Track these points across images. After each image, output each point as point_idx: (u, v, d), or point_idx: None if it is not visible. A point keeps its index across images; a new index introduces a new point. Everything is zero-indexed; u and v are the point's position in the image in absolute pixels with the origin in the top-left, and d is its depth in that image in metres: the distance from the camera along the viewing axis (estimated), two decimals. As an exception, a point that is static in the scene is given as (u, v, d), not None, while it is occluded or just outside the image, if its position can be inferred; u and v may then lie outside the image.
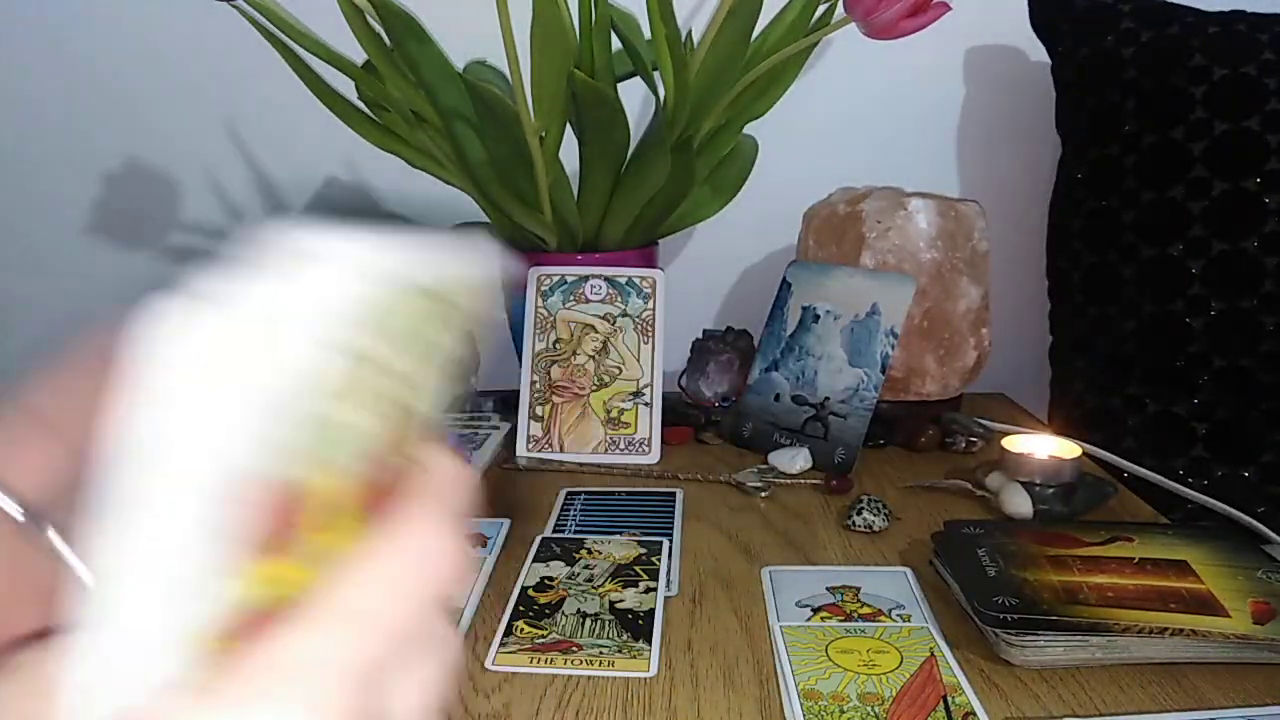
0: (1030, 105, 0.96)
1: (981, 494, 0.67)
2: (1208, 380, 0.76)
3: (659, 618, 0.51)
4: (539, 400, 0.77)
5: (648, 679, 0.46)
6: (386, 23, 0.69)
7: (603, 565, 0.57)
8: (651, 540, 0.60)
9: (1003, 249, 0.92)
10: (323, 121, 0.78)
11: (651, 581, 0.55)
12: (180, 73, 0.98)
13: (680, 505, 0.67)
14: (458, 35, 0.78)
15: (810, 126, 0.98)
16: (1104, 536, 0.55)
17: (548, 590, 0.54)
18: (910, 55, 0.89)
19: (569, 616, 0.51)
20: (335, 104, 0.76)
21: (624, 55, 0.77)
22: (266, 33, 0.72)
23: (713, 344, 0.84)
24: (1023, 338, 0.97)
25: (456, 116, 0.72)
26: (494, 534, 0.62)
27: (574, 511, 0.66)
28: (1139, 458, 0.75)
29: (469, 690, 0.45)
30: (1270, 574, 0.50)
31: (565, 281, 0.78)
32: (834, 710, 0.43)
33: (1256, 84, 0.74)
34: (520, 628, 0.51)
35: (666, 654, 0.48)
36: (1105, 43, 0.82)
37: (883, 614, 0.52)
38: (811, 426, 0.75)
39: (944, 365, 0.78)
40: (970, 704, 0.43)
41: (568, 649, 0.48)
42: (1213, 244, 0.75)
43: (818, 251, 0.81)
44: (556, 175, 0.74)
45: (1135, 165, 0.79)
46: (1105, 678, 0.46)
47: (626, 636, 0.49)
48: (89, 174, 1.02)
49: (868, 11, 0.62)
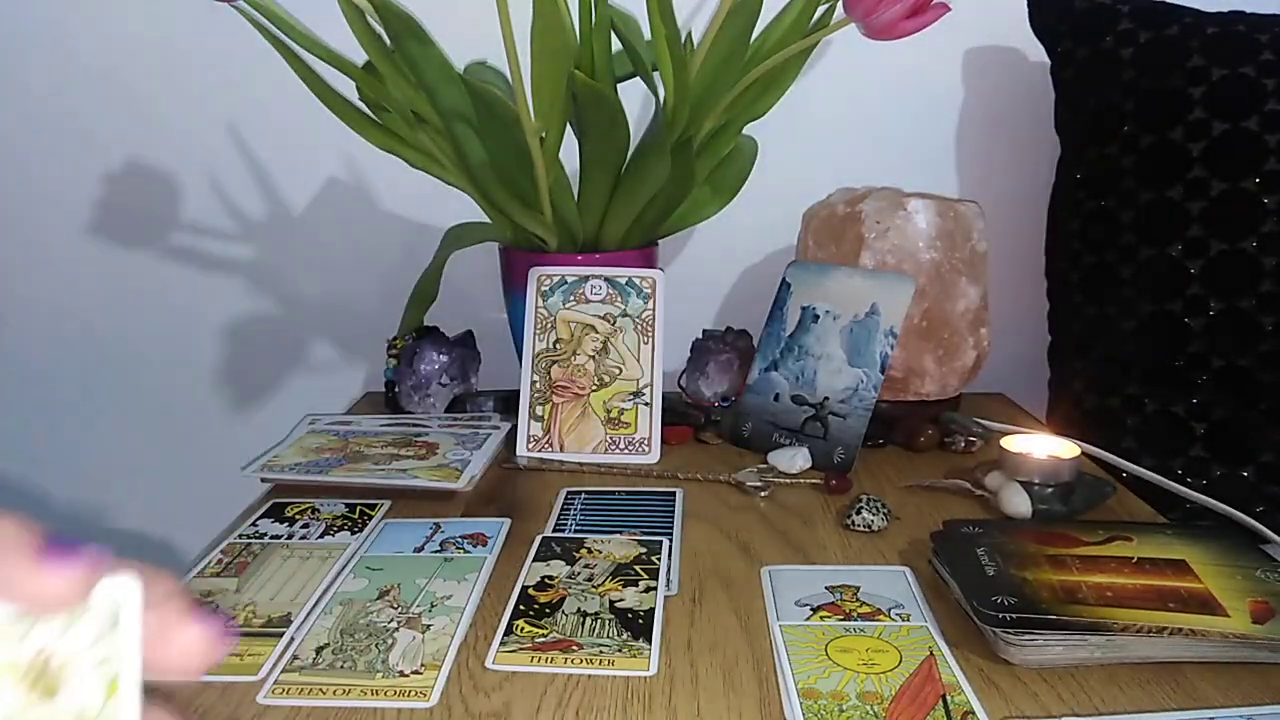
0: (1029, 105, 0.97)
1: (980, 494, 0.67)
2: (1206, 380, 0.76)
3: (659, 617, 0.51)
4: (539, 400, 0.77)
5: (647, 678, 0.46)
6: (387, 23, 0.69)
7: (603, 565, 0.57)
8: (651, 540, 0.60)
9: (1002, 249, 0.92)
10: (323, 121, 0.78)
11: (651, 580, 0.55)
12: (181, 73, 0.99)
13: (680, 505, 0.67)
14: (458, 36, 0.78)
15: (810, 126, 0.98)
16: (1103, 536, 0.55)
17: (548, 589, 0.55)
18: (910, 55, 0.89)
19: (569, 615, 0.52)
20: (335, 104, 0.76)
21: (624, 56, 0.77)
22: (267, 33, 0.72)
23: (712, 344, 0.84)
24: (1021, 338, 0.97)
25: (457, 117, 0.72)
26: (494, 533, 0.62)
27: (574, 511, 0.66)
28: (1138, 457, 0.75)
29: (470, 689, 0.45)
30: (1269, 573, 0.51)
31: (565, 282, 0.79)
32: (833, 709, 0.43)
33: (1255, 84, 0.74)
34: (520, 626, 0.51)
35: (666, 653, 0.48)
36: (1104, 43, 0.82)
37: (882, 613, 0.52)
38: (811, 426, 0.75)
39: (943, 365, 0.79)
40: (969, 703, 0.43)
41: (568, 648, 0.48)
42: (1211, 244, 0.75)
43: (817, 252, 0.81)
44: (556, 176, 0.74)
45: (1134, 165, 0.79)
46: (1104, 677, 0.46)
47: (626, 635, 0.49)
48: (89, 174, 1.02)
49: (867, 12, 0.62)
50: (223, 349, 1.08)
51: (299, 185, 1.03)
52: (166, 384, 1.08)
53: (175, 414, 1.09)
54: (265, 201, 1.03)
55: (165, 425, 1.10)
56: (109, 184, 1.02)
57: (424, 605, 0.53)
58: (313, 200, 1.03)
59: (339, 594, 0.54)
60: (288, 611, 0.52)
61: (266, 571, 0.58)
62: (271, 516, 0.66)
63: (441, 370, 0.84)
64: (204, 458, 1.10)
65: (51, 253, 1.04)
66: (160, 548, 1.12)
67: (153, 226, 1.04)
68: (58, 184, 1.02)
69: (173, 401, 1.09)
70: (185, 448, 1.10)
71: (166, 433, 1.10)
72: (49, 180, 1.02)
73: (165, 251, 1.05)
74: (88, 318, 1.06)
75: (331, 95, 0.75)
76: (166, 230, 1.04)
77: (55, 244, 1.04)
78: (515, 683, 0.46)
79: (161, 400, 1.09)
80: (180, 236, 1.04)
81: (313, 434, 0.79)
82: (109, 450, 1.10)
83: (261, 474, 0.70)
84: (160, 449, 1.11)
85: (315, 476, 0.69)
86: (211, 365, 1.08)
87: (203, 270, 1.05)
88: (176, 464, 1.11)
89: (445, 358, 0.84)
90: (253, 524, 0.64)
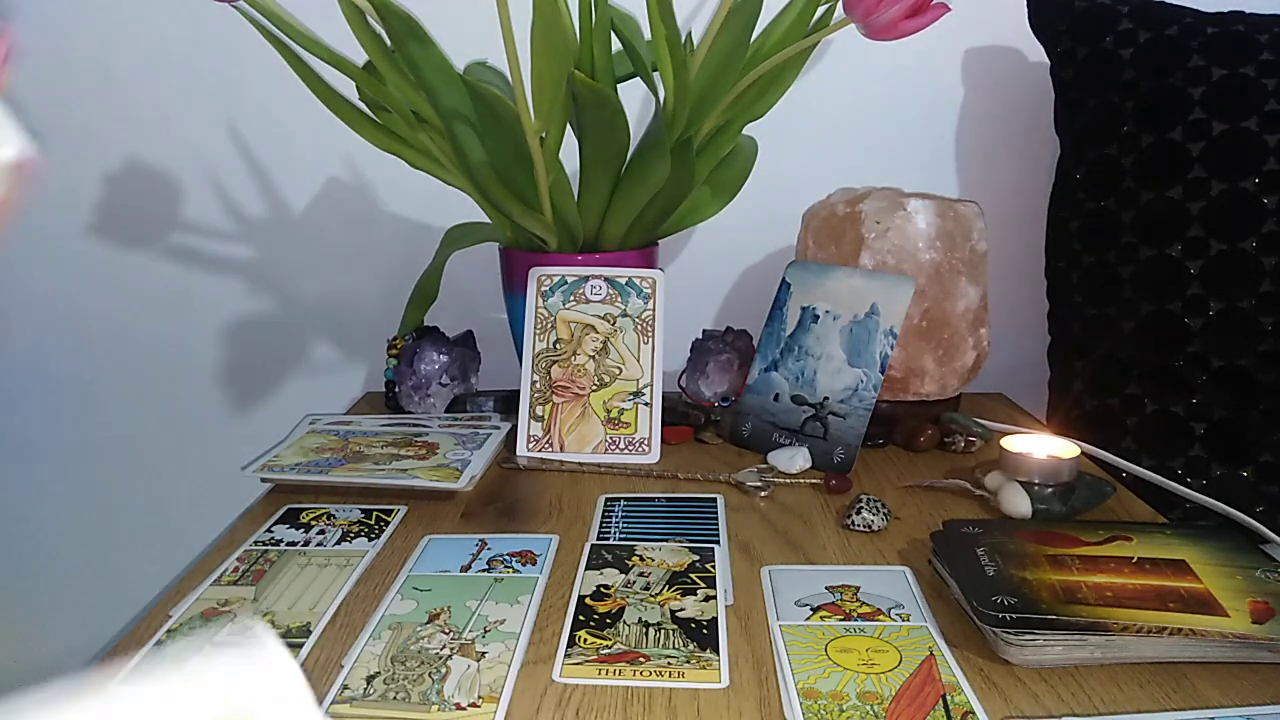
0: (1029, 105, 0.97)
1: (980, 493, 0.67)
2: (1206, 380, 0.76)
3: (723, 627, 0.50)
4: (539, 400, 0.77)
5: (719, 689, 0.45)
6: (387, 23, 0.69)
7: (657, 573, 0.56)
8: (702, 547, 0.60)
9: (1001, 249, 0.92)
10: (323, 121, 0.78)
11: (710, 589, 0.54)
12: (181, 73, 0.99)
13: (723, 511, 0.66)
14: (458, 35, 0.78)
15: (810, 127, 0.98)
16: (1102, 536, 0.56)
17: (605, 599, 0.53)
18: (910, 55, 0.89)
19: (630, 626, 0.50)
20: (335, 104, 0.76)
21: (624, 56, 0.77)
22: (267, 33, 0.72)
23: (712, 344, 0.84)
24: (1021, 338, 0.97)
25: (457, 117, 0.72)
26: (543, 550, 0.60)
27: (616, 518, 0.65)
28: (1137, 457, 0.75)
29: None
30: (1268, 573, 0.51)
31: (565, 282, 0.79)
32: (833, 709, 0.43)
33: (1255, 85, 0.74)
34: (583, 638, 0.49)
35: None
36: (1104, 43, 0.82)
37: (882, 613, 0.52)
38: (811, 426, 0.75)
39: (943, 365, 0.79)
40: (969, 703, 0.43)
41: (635, 659, 0.47)
42: (1211, 244, 0.75)
43: (817, 252, 0.81)
44: (557, 176, 0.74)
45: (1134, 165, 0.79)
46: (1104, 677, 0.46)
47: (693, 646, 0.49)
48: (89, 173, 1.02)
49: (867, 12, 0.62)
50: (223, 349, 1.08)
51: (299, 185, 1.03)
52: (167, 383, 1.08)
53: (176, 413, 1.09)
54: (265, 201, 1.03)
55: (166, 425, 1.10)
56: (109, 184, 1.02)
57: (476, 630, 0.50)
58: (313, 200, 1.03)
59: (386, 617, 0.52)
60: (307, 621, 0.52)
61: (284, 579, 0.57)
62: (286, 522, 0.65)
63: (441, 370, 0.84)
64: (204, 457, 1.10)
65: (52, 253, 1.04)
66: (161, 547, 1.12)
67: (153, 226, 1.04)
68: (58, 184, 1.02)
69: (173, 401, 1.09)
70: (185, 447, 1.10)
71: (167, 432, 1.10)
72: (49, 180, 1.02)
73: (165, 251, 1.05)
74: (88, 317, 1.06)
75: (331, 95, 0.75)
76: (166, 230, 1.04)
77: (55, 244, 1.04)
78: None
79: (162, 400, 1.09)
80: (180, 236, 1.04)
81: (313, 434, 0.79)
82: (110, 449, 1.10)
83: (262, 474, 0.70)
84: (161, 448, 1.11)
85: (315, 476, 0.69)
86: (211, 365, 1.08)
87: (203, 270, 1.05)
88: (177, 463, 1.11)
89: (445, 358, 0.84)
90: (268, 530, 0.63)
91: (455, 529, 0.64)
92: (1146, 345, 0.78)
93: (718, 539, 0.61)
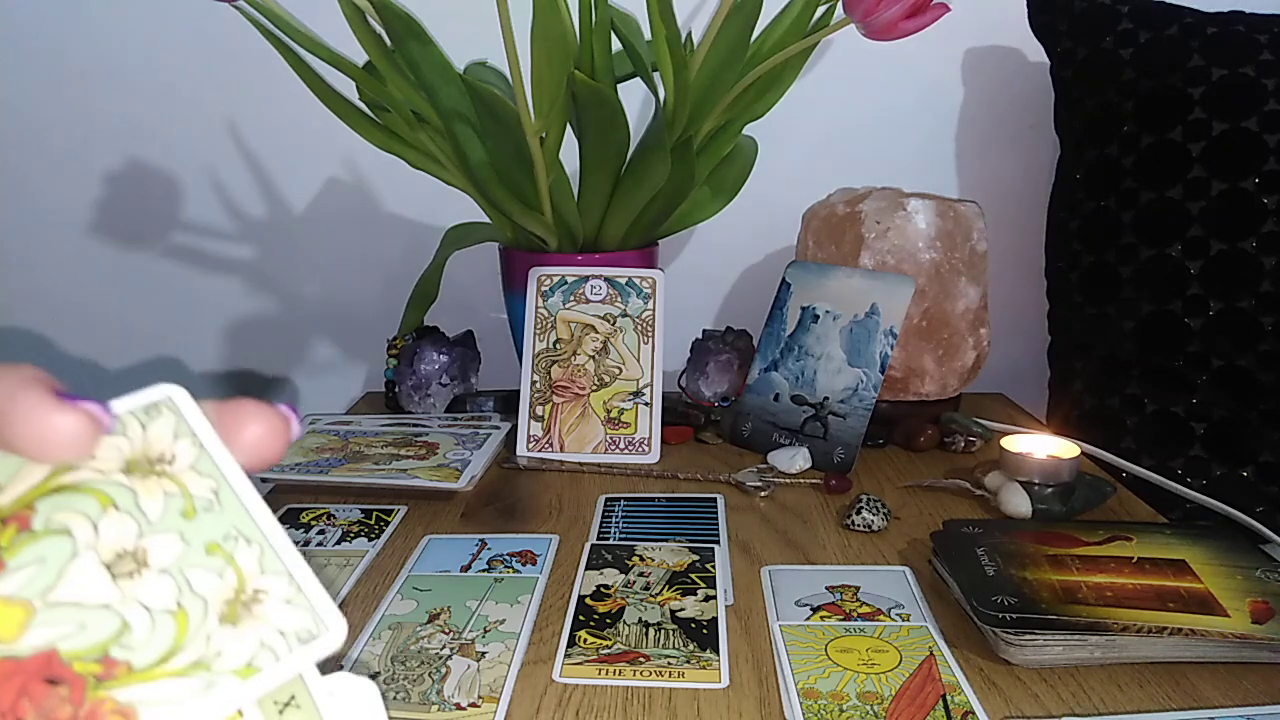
0: (1029, 105, 0.97)
1: (980, 493, 0.67)
2: (1206, 380, 0.76)
3: (723, 627, 0.50)
4: (539, 400, 0.77)
5: (719, 689, 0.45)
6: (387, 23, 0.69)
7: (657, 573, 0.56)
8: (702, 546, 0.60)
9: (1001, 249, 0.92)
10: (323, 121, 0.78)
11: (709, 589, 0.54)
12: (180, 73, 0.99)
13: (723, 511, 0.66)
14: (458, 36, 0.78)
15: (810, 127, 0.98)
16: (1102, 536, 0.56)
17: (605, 599, 0.54)
18: (910, 55, 0.89)
19: (630, 625, 0.51)
20: (335, 104, 0.76)
21: (624, 56, 0.77)
22: (267, 33, 0.72)
23: (712, 344, 0.84)
24: (1021, 338, 0.97)
25: (457, 117, 0.72)
26: (543, 551, 0.60)
27: (616, 518, 0.65)
28: (1137, 457, 0.75)
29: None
30: (1269, 573, 0.51)
31: (565, 282, 0.79)
32: (833, 709, 0.43)
33: (1255, 85, 0.74)
34: (583, 638, 0.49)
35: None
36: (1104, 43, 0.82)
37: (882, 613, 0.52)
38: (811, 426, 0.75)
39: (943, 365, 0.79)
40: (969, 703, 0.43)
41: (635, 659, 0.47)
42: (1211, 244, 0.75)
43: (817, 252, 0.81)
44: (556, 176, 0.74)
45: (1134, 165, 0.79)
46: (1104, 677, 0.46)
47: (693, 646, 0.49)
48: (89, 173, 1.02)
49: (867, 12, 0.62)
50: (223, 349, 1.08)
51: (299, 185, 1.03)
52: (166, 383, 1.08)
53: (175, 414, 1.09)
54: (265, 201, 1.03)
55: (165, 425, 1.10)
56: (109, 183, 1.02)
57: (476, 630, 0.50)
58: (313, 200, 1.03)
59: (387, 617, 0.52)
60: None
61: None
62: (286, 522, 0.64)
63: (441, 370, 0.84)
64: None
65: (52, 252, 1.04)
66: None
67: (153, 226, 1.04)
68: (58, 184, 1.02)
69: (173, 401, 1.09)
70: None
71: (166, 433, 1.10)
72: (49, 180, 1.02)
73: (165, 251, 1.05)
74: (88, 317, 1.06)
75: (331, 95, 0.75)
76: (166, 230, 1.04)
77: (55, 244, 1.04)
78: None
79: (161, 400, 1.09)
80: (180, 236, 1.04)
81: (313, 434, 0.79)
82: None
83: (261, 473, 0.70)
84: (160, 449, 1.10)
85: (315, 476, 0.69)
86: (212, 365, 1.08)
87: (203, 270, 1.05)
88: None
89: (445, 358, 0.84)
90: None
91: (455, 529, 0.64)
92: (1146, 345, 0.78)
93: (718, 539, 0.61)
